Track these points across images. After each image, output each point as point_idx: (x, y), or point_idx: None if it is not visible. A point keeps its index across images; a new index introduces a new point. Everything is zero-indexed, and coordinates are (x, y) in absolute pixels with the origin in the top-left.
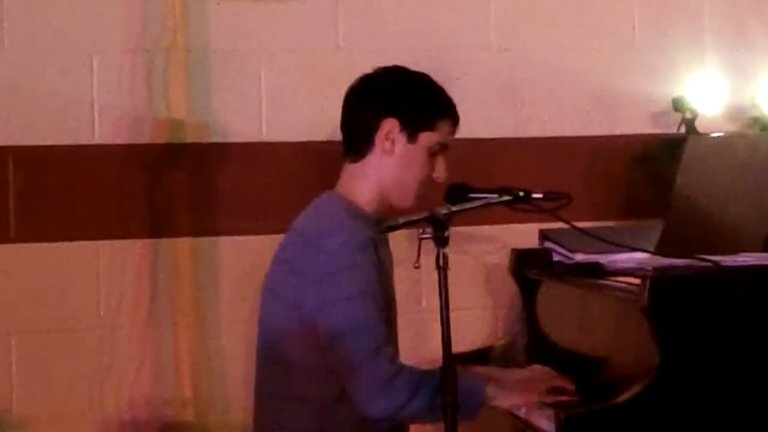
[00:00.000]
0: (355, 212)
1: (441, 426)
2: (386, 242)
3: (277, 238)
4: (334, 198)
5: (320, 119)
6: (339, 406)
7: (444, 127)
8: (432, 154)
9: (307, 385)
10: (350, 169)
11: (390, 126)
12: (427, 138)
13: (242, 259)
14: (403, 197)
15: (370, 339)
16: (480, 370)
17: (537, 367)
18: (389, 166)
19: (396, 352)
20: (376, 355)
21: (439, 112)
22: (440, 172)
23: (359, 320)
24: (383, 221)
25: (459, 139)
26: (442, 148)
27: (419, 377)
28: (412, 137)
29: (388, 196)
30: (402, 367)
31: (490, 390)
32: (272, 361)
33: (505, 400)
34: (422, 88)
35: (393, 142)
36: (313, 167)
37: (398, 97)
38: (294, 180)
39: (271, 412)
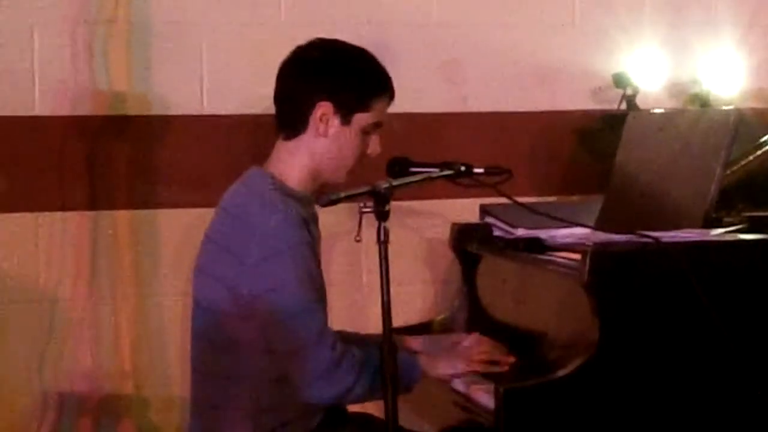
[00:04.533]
0: (284, 190)
1: (380, 401)
2: (315, 220)
3: None
4: (262, 174)
5: (261, 92)
6: (280, 385)
7: (379, 106)
8: (366, 132)
9: (247, 365)
10: (283, 146)
11: (324, 109)
12: (361, 119)
13: (182, 232)
14: (337, 175)
15: (311, 324)
16: (411, 339)
17: (474, 336)
18: (323, 148)
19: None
20: (318, 341)
21: (374, 92)
22: (374, 149)
23: (299, 305)
24: (315, 198)
25: (401, 114)
26: (377, 126)
27: (362, 359)
28: (346, 119)
29: (321, 174)
30: (344, 351)
31: (422, 361)
32: (211, 341)
33: (435, 370)
34: (358, 68)
35: (327, 125)
36: (253, 140)
37: (333, 79)
38: (235, 152)
39: (210, 392)
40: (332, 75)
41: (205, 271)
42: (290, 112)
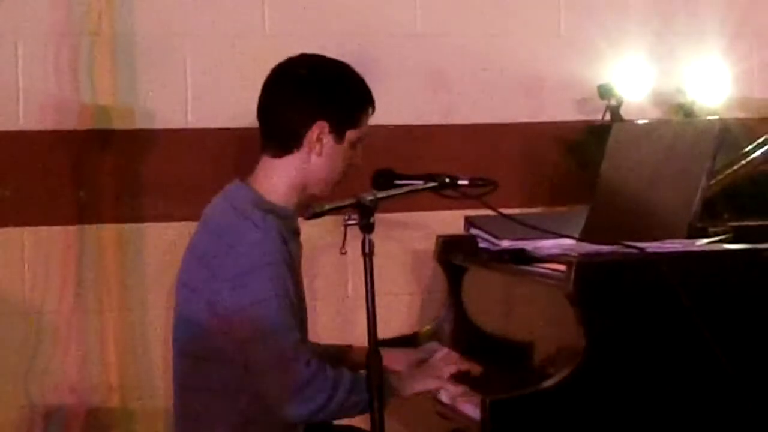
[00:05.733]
0: (266, 206)
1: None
2: (297, 235)
3: None
4: (245, 189)
5: (246, 105)
6: (261, 398)
7: (365, 119)
8: (353, 147)
9: (228, 377)
10: (270, 163)
11: (320, 129)
12: (351, 135)
13: (168, 245)
14: (325, 190)
15: (286, 341)
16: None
17: (442, 351)
18: (316, 166)
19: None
20: (292, 360)
21: (360, 107)
22: (357, 160)
23: (275, 322)
24: (297, 212)
25: (386, 126)
26: (362, 139)
27: (334, 377)
28: (339, 137)
29: (309, 189)
30: (317, 369)
31: (393, 380)
32: (192, 354)
33: (406, 390)
34: (346, 85)
35: (322, 144)
36: (238, 153)
37: (327, 98)
38: (219, 166)
39: (192, 404)
40: (325, 94)
41: (186, 284)
42: (282, 132)
